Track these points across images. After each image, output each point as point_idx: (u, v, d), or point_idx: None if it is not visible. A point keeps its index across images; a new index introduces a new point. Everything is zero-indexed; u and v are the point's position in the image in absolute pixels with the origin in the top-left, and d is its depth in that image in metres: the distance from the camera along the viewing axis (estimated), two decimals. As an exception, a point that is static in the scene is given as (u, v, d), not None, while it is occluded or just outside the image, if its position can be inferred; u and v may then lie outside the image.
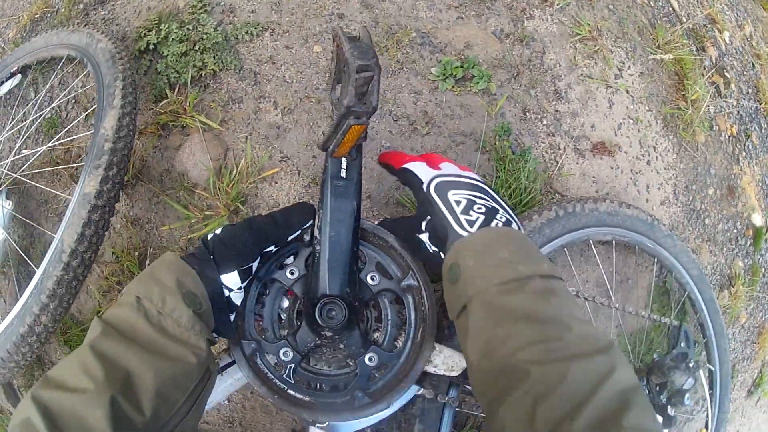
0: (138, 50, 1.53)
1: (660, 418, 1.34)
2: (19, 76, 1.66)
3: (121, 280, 1.40)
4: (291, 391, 0.84)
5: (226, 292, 0.75)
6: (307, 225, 0.83)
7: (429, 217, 0.76)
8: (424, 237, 0.78)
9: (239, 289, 0.77)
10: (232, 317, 0.79)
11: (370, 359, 0.86)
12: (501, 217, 0.72)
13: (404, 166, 0.84)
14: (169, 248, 1.38)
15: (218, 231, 0.76)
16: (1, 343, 1.12)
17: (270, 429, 1.36)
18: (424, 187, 0.77)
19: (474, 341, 0.62)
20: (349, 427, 0.94)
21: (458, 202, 0.73)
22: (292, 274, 0.88)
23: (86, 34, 1.46)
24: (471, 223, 0.71)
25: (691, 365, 1.37)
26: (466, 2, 1.54)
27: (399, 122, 1.36)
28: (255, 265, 0.80)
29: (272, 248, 0.81)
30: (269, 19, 1.51)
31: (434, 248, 0.78)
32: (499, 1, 1.57)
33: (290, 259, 0.89)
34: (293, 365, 0.85)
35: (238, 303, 0.79)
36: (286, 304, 0.90)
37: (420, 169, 0.81)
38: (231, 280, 0.74)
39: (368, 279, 0.89)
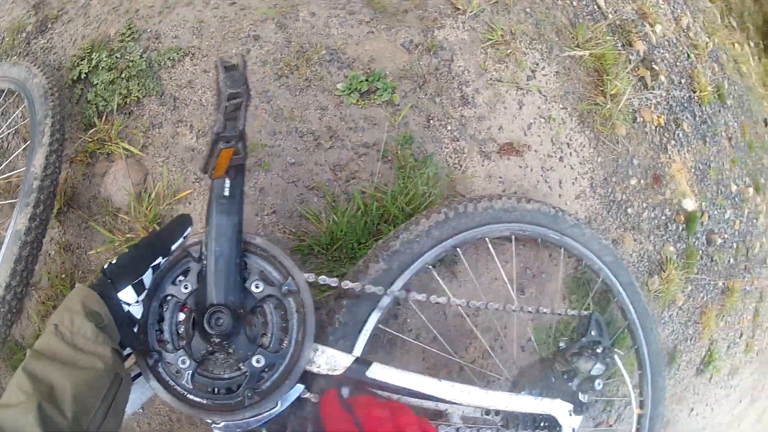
0: (71, 79, 1.62)
1: (571, 405, 1.40)
2: None
3: (57, 304, 1.49)
4: (191, 396, 0.94)
5: (126, 307, 0.86)
6: (187, 232, 0.94)
7: None
8: None
9: (137, 302, 0.88)
10: (136, 329, 0.90)
11: (257, 361, 0.95)
12: None
13: None
14: (97, 271, 1.48)
15: (114, 261, 0.87)
16: None
17: None
18: None
19: None
20: (237, 426, 1.02)
21: None
22: (186, 288, 0.97)
23: (24, 68, 1.53)
24: None
25: (599, 351, 1.44)
26: (377, 17, 1.61)
27: (304, 138, 1.45)
28: (146, 278, 0.90)
29: (160, 260, 0.91)
30: (191, 44, 1.59)
31: None
32: (411, 13, 1.64)
33: (183, 277, 0.98)
34: (191, 372, 0.94)
35: (139, 315, 0.90)
36: (182, 317, 0.99)
37: None
38: (127, 295, 0.86)
39: (252, 287, 0.98)
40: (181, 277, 0.98)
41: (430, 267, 1.31)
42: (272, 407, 0.98)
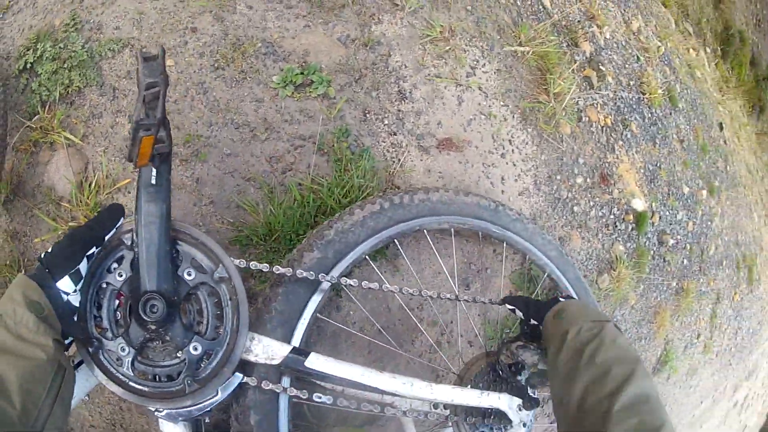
0: (18, 69, 1.59)
1: (519, 401, 1.36)
2: None
3: (2, 293, 1.45)
4: (132, 383, 0.94)
5: (65, 297, 0.88)
6: (119, 222, 0.95)
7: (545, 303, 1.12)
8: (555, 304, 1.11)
9: (75, 291, 0.90)
10: (76, 318, 0.91)
11: (194, 348, 0.95)
12: None
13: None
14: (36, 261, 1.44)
15: (50, 249, 0.88)
16: None
17: (148, 429, 1.42)
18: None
19: (567, 350, 0.97)
20: (178, 415, 1.01)
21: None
22: (120, 276, 0.96)
23: None
24: None
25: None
26: (314, 11, 1.61)
27: (240, 130, 1.42)
28: (82, 267, 0.90)
29: (94, 250, 0.93)
30: (131, 35, 1.56)
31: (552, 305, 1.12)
32: (348, 9, 1.64)
33: (117, 264, 0.98)
34: (130, 359, 0.94)
35: (77, 304, 0.91)
36: (117, 304, 0.98)
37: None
38: (65, 284, 0.87)
39: (185, 275, 0.98)
40: (115, 265, 0.98)
41: (367, 258, 1.29)
42: (213, 395, 0.98)
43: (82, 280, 0.91)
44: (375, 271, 1.34)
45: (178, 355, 0.97)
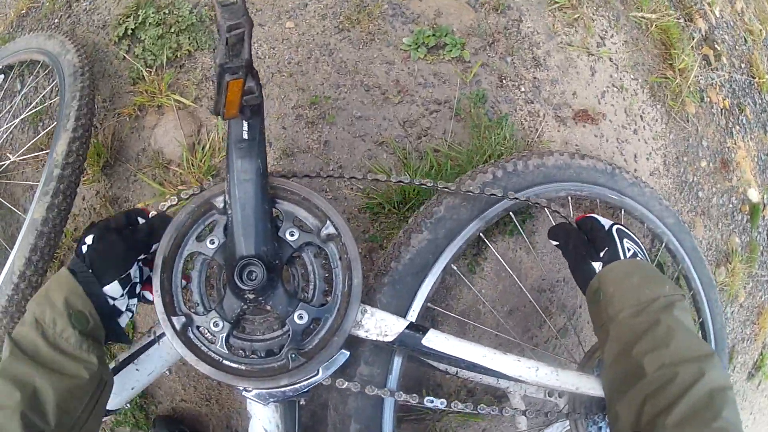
0: (117, 36, 1.55)
1: None
2: (2, 75, 1.69)
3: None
4: (226, 362, 0.85)
5: (111, 301, 0.81)
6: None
7: (607, 249, 0.90)
8: (597, 265, 0.90)
9: (122, 296, 0.82)
10: (123, 321, 0.85)
11: (299, 317, 0.85)
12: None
13: (588, 215, 0.98)
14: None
15: (89, 240, 0.81)
16: None
17: (243, 406, 1.34)
18: (607, 228, 0.92)
19: (610, 349, 0.81)
20: (271, 395, 0.90)
21: (629, 249, 0.90)
22: (212, 243, 0.88)
23: (59, 43, 1.46)
24: None
25: None
26: (440, -28, 1.52)
27: (371, 92, 1.34)
28: (133, 272, 0.84)
29: (143, 255, 0.86)
30: (242, -3, 1.49)
31: (600, 262, 0.91)
32: (474, -29, 1.54)
33: (207, 231, 0.90)
34: (224, 334, 0.85)
35: (123, 308, 0.84)
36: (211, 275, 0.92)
37: (600, 217, 0.95)
38: (113, 290, 0.80)
39: (287, 235, 0.88)
40: (205, 232, 0.90)
41: (482, 235, 1.17)
42: (313, 374, 0.86)
43: (130, 284, 0.84)
44: (492, 251, 1.22)
45: (281, 326, 0.87)
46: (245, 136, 0.82)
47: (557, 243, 1.00)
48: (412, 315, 1.04)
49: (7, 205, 1.54)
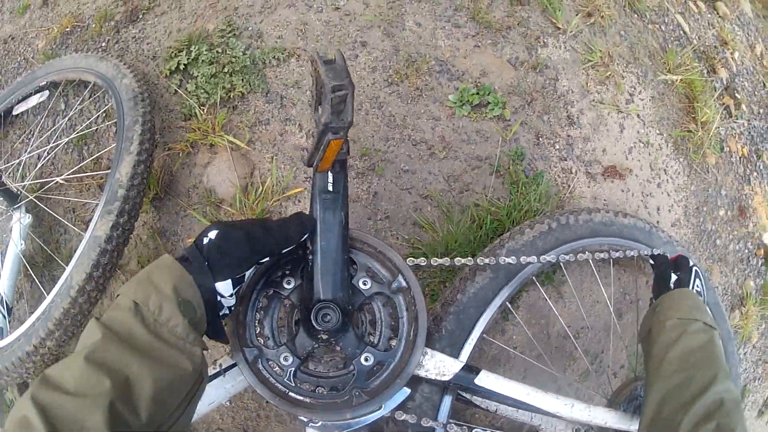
0: (169, 70, 1.68)
1: None
2: (47, 92, 1.79)
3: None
4: (292, 394, 0.95)
5: (218, 297, 0.82)
6: (304, 237, 0.92)
7: (681, 273, 1.17)
8: (674, 276, 1.17)
9: (231, 295, 0.84)
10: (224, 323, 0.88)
11: (365, 359, 0.98)
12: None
13: (682, 254, 1.25)
14: (191, 243, 1.52)
15: (212, 235, 0.81)
16: (5, 355, 1.25)
17: None
18: (690, 264, 1.20)
19: (654, 346, 1.02)
20: (337, 427, 1.01)
21: (697, 285, 1.17)
22: (288, 283, 1.00)
23: (113, 66, 1.56)
24: None
25: None
26: (482, 31, 1.69)
27: (417, 147, 1.51)
28: (248, 273, 0.87)
29: (266, 259, 0.89)
30: (295, 45, 1.66)
31: (673, 285, 1.17)
32: (514, 30, 1.72)
33: (286, 272, 1.01)
34: (293, 369, 0.96)
35: (228, 310, 0.87)
36: (283, 312, 1.03)
37: (690, 257, 1.25)
38: (224, 287, 0.82)
39: (360, 284, 1.01)
40: (284, 272, 1.01)
41: (534, 279, 1.36)
42: (376, 409, 0.98)
43: (239, 286, 0.87)
44: (542, 294, 1.40)
45: (346, 366, 0.99)
46: (330, 188, 0.95)
47: (653, 263, 1.30)
48: (471, 342, 1.22)
49: (64, 222, 1.64)
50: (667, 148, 1.82)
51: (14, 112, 1.82)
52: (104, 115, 1.73)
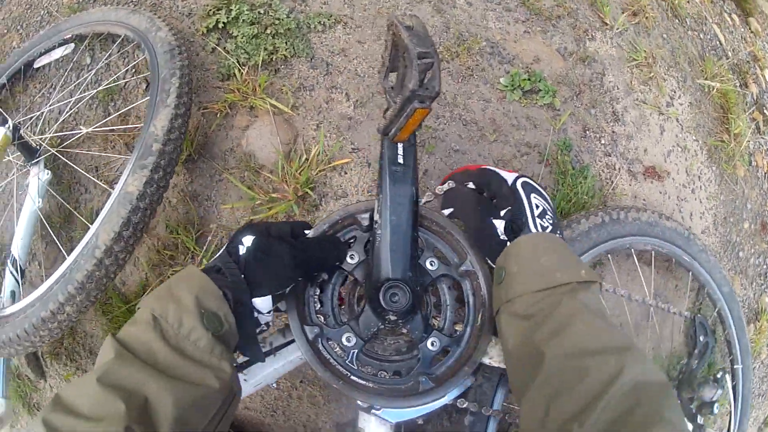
0: (206, 28, 1.66)
1: (690, 426, 1.50)
2: (72, 45, 1.75)
3: (174, 255, 1.52)
4: (354, 377, 0.91)
5: (255, 314, 0.79)
6: (336, 266, 0.92)
7: (510, 208, 0.87)
8: (499, 223, 0.87)
9: (269, 312, 0.82)
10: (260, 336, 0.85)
11: (432, 344, 0.93)
12: (558, 231, 0.87)
13: (484, 167, 0.95)
14: (229, 227, 1.51)
15: (248, 242, 0.78)
16: (17, 321, 1.19)
17: (314, 421, 1.49)
18: (510, 182, 0.89)
19: (507, 335, 0.79)
20: (401, 414, 0.98)
21: (537, 206, 0.87)
22: (352, 258, 0.95)
23: (147, 18, 1.53)
24: (543, 228, 0.85)
25: (719, 376, 1.55)
26: (532, 18, 1.73)
27: (468, 127, 1.53)
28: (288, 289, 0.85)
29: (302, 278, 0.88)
30: (342, 12, 1.66)
31: (504, 237, 0.87)
32: (564, 20, 1.76)
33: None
34: (356, 351, 0.92)
35: (264, 322, 0.85)
36: (344, 290, 0.99)
37: (500, 170, 0.93)
38: (263, 303, 0.79)
39: (427, 264, 0.97)
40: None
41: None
42: (440, 397, 0.93)
43: (281, 302, 0.86)
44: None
45: (409, 349, 0.96)
46: (401, 160, 0.91)
47: (451, 211, 0.98)
48: None
49: (88, 178, 1.59)
50: (702, 155, 1.89)
51: (36, 65, 1.78)
52: (133, 69, 1.70)
